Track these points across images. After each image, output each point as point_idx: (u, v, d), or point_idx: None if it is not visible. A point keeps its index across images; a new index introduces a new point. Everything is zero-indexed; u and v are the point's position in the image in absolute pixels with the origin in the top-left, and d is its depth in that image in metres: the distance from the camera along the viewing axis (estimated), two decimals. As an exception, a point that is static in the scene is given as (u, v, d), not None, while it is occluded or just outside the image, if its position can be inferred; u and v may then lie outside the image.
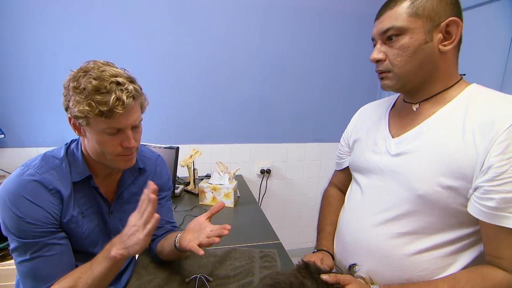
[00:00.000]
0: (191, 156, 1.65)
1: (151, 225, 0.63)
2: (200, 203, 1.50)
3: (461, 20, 0.59)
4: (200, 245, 0.72)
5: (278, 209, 2.21)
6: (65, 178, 0.70)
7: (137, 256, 1.00)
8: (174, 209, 1.44)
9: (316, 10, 1.94)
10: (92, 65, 0.66)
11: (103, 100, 0.62)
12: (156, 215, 0.63)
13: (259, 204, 2.13)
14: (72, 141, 0.77)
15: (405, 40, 0.59)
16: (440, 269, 0.60)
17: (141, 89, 0.72)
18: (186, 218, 1.33)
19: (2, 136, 1.61)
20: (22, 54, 1.60)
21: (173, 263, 0.93)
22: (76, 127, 0.69)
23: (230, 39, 1.87)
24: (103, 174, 0.77)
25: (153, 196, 0.64)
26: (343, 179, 0.92)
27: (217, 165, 1.69)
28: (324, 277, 0.57)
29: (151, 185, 0.65)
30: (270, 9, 1.88)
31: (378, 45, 0.65)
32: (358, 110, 0.91)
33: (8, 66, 1.61)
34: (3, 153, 1.70)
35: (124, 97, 0.63)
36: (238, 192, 1.64)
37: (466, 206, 0.56)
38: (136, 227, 0.64)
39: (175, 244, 0.80)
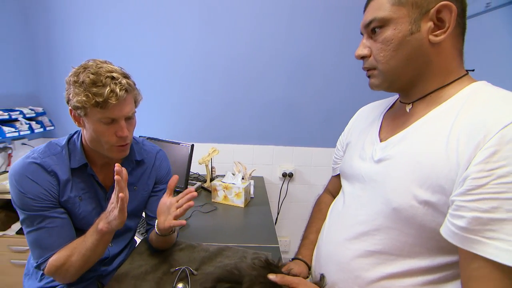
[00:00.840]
0: (209, 154, 1.69)
1: (120, 203, 0.68)
2: (212, 200, 1.53)
3: (459, 3, 0.49)
4: (176, 218, 0.77)
5: (298, 215, 2.14)
6: (64, 163, 0.79)
7: (137, 243, 1.07)
8: (187, 203, 1.49)
9: (342, 8, 1.84)
10: (91, 63, 0.74)
11: (99, 92, 0.69)
12: (121, 195, 0.67)
13: (279, 207, 2.09)
14: (74, 132, 0.85)
15: (388, 32, 0.52)
16: None
17: (134, 84, 0.78)
18: (194, 213, 1.37)
19: (52, 127, 1.86)
20: (68, 53, 1.84)
21: (166, 253, 0.97)
22: (76, 118, 0.76)
23: (255, 39, 1.89)
24: (100, 163, 0.84)
25: (118, 177, 0.68)
26: (337, 185, 0.85)
27: (234, 165, 1.72)
28: (271, 277, 0.53)
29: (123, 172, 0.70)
30: (295, 8, 1.85)
31: (364, 40, 0.58)
32: (358, 110, 0.84)
33: (57, 64, 1.85)
34: (54, 142, 1.97)
35: (118, 90, 0.70)
36: (251, 193, 1.64)
37: None
38: (113, 205, 0.70)
39: (156, 232, 0.84)
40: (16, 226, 1.60)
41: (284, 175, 2.06)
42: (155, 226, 0.85)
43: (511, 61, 1.31)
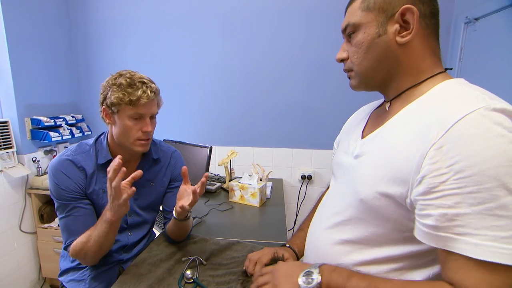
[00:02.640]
0: (228, 156, 1.77)
1: (126, 195, 0.76)
2: (230, 200, 1.61)
3: (426, 6, 0.52)
4: (191, 204, 0.84)
5: (319, 218, 2.14)
6: (91, 160, 0.92)
7: (156, 235, 1.17)
8: (206, 202, 1.58)
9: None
10: (124, 72, 0.89)
11: (133, 92, 0.84)
12: (132, 189, 0.75)
13: (297, 209, 2.11)
14: (101, 134, 0.99)
15: (359, 36, 0.56)
16: None
17: (159, 91, 0.93)
18: (211, 211, 1.45)
19: (89, 132, 2.07)
20: (103, 66, 2.06)
21: (180, 245, 1.05)
22: (108, 116, 0.90)
23: (274, 44, 1.96)
24: (123, 160, 0.96)
25: (116, 166, 0.74)
26: None
27: (252, 166, 1.78)
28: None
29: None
30: (313, 13, 1.89)
31: (343, 44, 0.63)
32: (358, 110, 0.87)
33: (94, 76, 2.08)
34: (92, 146, 2.20)
35: (148, 92, 0.86)
36: (268, 193, 1.68)
37: (408, 219, 0.48)
38: (113, 195, 0.76)
39: (174, 216, 0.93)
40: (59, 220, 1.81)
41: (303, 177, 2.08)
42: (174, 211, 0.93)
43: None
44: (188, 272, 0.87)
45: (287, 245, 0.81)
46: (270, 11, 1.92)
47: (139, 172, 0.77)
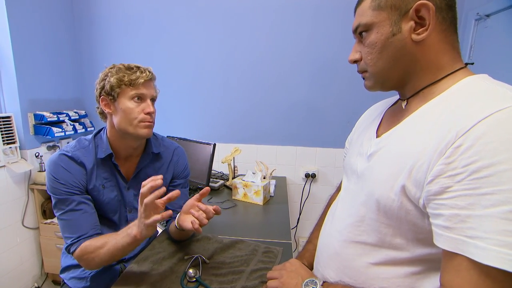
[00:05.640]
0: (231, 154, 1.76)
1: (156, 218, 0.71)
2: (233, 197, 1.59)
3: (440, 0, 0.49)
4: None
5: (322, 216, 2.12)
6: (90, 155, 0.90)
7: (158, 233, 1.15)
8: (209, 200, 1.57)
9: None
10: (118, 64, 0.90)
11: (131, 74, 0.86)
12: (169, 212, 0.71)
13: (301, 208, 2.09)
14: (100, 129, 0.97)
15: (372, 36, 0.54)
16: None
17: (155, 76, 0.94)
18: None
19: (92, 128, 2.06)
20: (107, 62, 2.03)
21: (183, 243, 1.04)
22: (108, 105, 0.89)
23: (278, 42, 1.93)
24: (124, 155, 0.94)
25: (153, 183, 0.71)
26: None
27: (256, 164, 1.76)
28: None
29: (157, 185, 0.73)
30: (318, 11, 1.86)
31: (355, 45, 0.60)
32: (367, 110, 0.84)
33: (98, 72, 2.05)
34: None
35: (146, 72, 0.88)
36: (272, 191, 1.66)
37: (422, 220, 0.47)
38: (144, 213, 0.73)
39: (176, 225, 0.90)
40: (62, 216, 1.81)
41: (307, 175, 2.06)
42: (176, 219, 0.90)
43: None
44: (191, 270, 0.86)
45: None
46: (275, 8, 1.89)
47: (175, 193, 0.73)
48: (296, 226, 2.10)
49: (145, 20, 1.99)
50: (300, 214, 2.09)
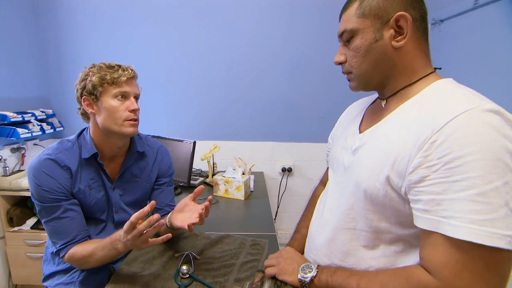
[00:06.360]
0: (210, 151, 1.77)
1: (155, 241, 0.75)
2: (214, 194, 1.62)
3: (417, 11, 0.57)
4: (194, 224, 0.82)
5: (298, 208, 2.20)
6: (74, 157, 0.88)
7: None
8: (190, 197, 1.58)
9: (338, 9, 1.91)
10: (98, 63, 0.88)
11: (113, 72, 0.85)
12: (155, 216, 0.71)
13: (278, 201, 2.17)
14: (83, 129, 0.95)
15: (357, 41, 0.59)
16: (383, 268, 0.59)
17: (137, 74, 0.95)
18: (197, 206, 1.45)
19: (62, 128, 1.96)
20: (77, 57, 1.94)
21: (171, 241, 1.05)
22: (90, 105, 0.87)
23: (255, 40, 1.97)
24: (108, 155, 0.93)
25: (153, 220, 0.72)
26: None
27: (235, 160, 1.80)
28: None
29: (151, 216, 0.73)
30: (294, 10, 1.92)
31: (340, 48, 0.66)
32: (348, 107, 0.91)
33: (68, 71, 1.96)
34: (64, 142, 2.07)
35: (128, 70, 0.87)
36: (252, 186, 1.72)
37: (403, 206, 0.54)
38: (131, 242, 0.74)
39: (166, 224, 0.91)
40: (31, 222, 1.70)
41: (284, 170, 2.14)
42: (167, 219, 0.90)
43: (498, 55, 1.37)
44: (184, 267, 0.88)
45: None
46: (251, 7, 1.92)
47: (155, 218, 0.72)
48: (275, 219, 2.18)
49: (118, 13, 1.91)
50: (278, 208, 2.18)
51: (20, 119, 1.65)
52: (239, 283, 0.83)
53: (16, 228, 1.69)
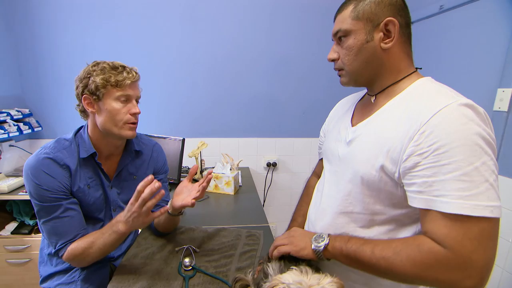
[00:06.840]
0: (198, 148, 1.79)
1: (150, 204, 0.78)
2: (204, 190, 1.65)
3: (403, 18, 0.64)
4: (196, 199, 0.89)
5: (283, 202, 2.31)
6: (73, 156, 0.88)
7: (139, 230, 1.17)
8: (180, 194, 1.60)
9: (319, 9, 2.00)
10: (101, 61, 0.88)
11: (118, 74, 0.85)
12: (166, 208, 0.78)
13: (264, 195, 2.24)
14: (80, 128, 0.94)
15: (350, 41, 0.66)
16: None
17: (140, 76, 0.96)
18: (188, 202, 1.47)
19: (40, 128, 1.88)
20: (53, 54, 1.86)
21: (168, 237, 1.08)
22: (91, 104, 0.87)
23: (239, 39, 2.00)
24: (105, 154, 0.94)
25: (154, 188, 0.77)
26: (322, 167, 1.00)
27: (222, 157, 1.83)
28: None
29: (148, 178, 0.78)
30: (276, 10, 1.98)
31: (334, 46, 0.72)
32: (338, 102, 0.98)
33: (44, 67, 1.87)
34: (41, 143, 1.98)
35: (132, 73, 0.88)
36: (240, 181, 1.76)
37: (396, 189, 0.62)
38: (135, 208, 0.77)
39: (169, 211, 0.94)
40: (11, 227, 1.63)
41: (268, 165, 2.21)
42: (169, 204, 0.94)
43: (460, 57, 1.52)
44: (186, 260, 0.92)
45: None
46: (235, 7, 1.95)
47: (161, 193, 0.80)
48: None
49: (97, 7, 1.84)
50: (264, 201, 2.24)
51: (-5, 119, 1.57)
52: (241, 271, 0.88)
53: (-6, 234, 1.62)
